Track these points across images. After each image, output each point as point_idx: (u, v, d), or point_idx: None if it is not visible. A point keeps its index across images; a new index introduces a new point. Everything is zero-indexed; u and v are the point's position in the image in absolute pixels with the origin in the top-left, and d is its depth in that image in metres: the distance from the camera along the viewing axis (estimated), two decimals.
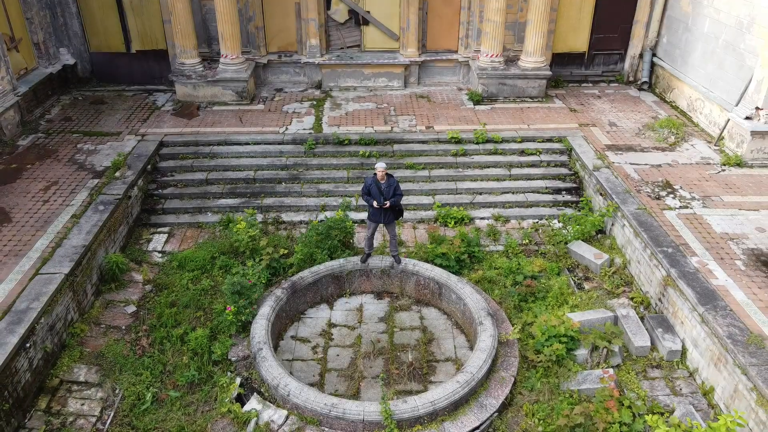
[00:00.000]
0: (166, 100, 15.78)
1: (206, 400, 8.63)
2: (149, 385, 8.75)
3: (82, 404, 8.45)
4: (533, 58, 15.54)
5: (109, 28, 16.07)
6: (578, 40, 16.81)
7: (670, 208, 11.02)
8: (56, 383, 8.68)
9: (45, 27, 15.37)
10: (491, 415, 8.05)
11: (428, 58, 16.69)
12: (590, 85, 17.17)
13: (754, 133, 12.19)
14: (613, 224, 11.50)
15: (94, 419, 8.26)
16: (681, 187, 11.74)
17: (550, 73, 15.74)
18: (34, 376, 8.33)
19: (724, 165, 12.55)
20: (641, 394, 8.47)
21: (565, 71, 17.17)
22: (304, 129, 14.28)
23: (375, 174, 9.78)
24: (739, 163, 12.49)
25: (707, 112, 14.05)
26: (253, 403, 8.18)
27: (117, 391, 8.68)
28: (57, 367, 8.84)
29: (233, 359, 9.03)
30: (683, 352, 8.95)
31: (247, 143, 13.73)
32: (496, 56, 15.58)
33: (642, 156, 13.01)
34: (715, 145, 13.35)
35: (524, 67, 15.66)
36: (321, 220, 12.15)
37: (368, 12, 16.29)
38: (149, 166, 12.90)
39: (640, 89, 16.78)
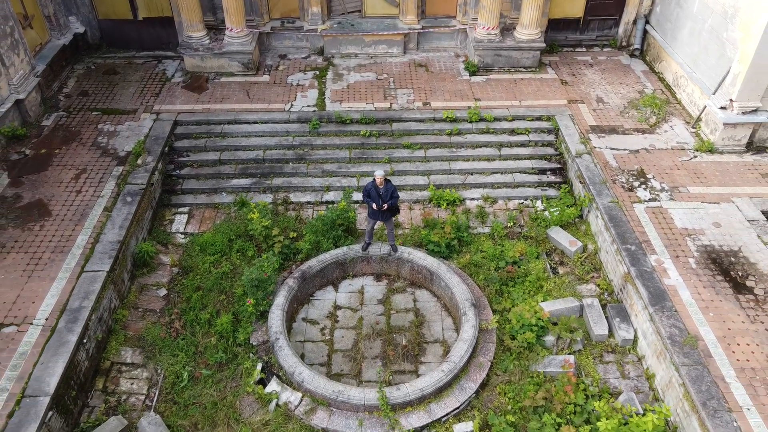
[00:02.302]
0: (176, 70, 16.49)
1: (233, 377, 10.35)
2: (185, 365, 10.46)
3: (132, 383, 10.20)
4: (528, 30, 16.05)
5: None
6: (574, 5, 17.16)
7: (640, 201, 12.24)
8: (108, 365, 10.39)
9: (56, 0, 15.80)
10: (470, 397, 9.79)
11: (427, 25, 17.15)
12: (584, 49, 17.71)
13: (726, 124, 13.13)
14: (589, 212, 12.77)
15: (142, 397, 10.04)
16: (653, 177, 12.88)
17: (544, 44, 16.30)
18: (91, 361, 10.01)
19: (697, 150, 13.60)
20: (596, 377, 10.16)
21: (561, 36, 17.64)
22: (308, 105, 15.16)
23: (374, 180, 10.95)
24: (711, 150, 13.53)
25: (689, 92, 14.84)
26: (274, 385, 9.91)
27: (159, 371, 10.41)
28: (107, 350, 10.52)
29: (254, 343, 10.67)
30: (635, 339, 10.57)
31: (255, 122, 14.70)
32: (493, 29, 16.09)
33: (623, 140, 14.01)
34: (692, 127, 14.30)
35: (519, 39, 16.21)
36: (326, 202, 13.51)
37: None
38: (166, 148, 13.97)
39: (632, 55, 17.36)
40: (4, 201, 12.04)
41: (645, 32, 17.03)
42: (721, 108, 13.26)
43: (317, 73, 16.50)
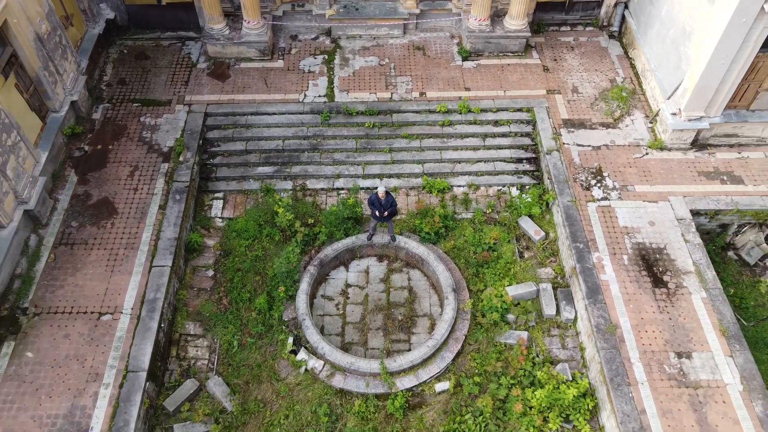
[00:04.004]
0: (199, 54, 18.41)
1: (271, 344, 13.80)
2: (234, 334, 13.86)
3: (197, 350, 13.69)
4: (516, 21, 17.78)
5: None
6: None
7: (594, 200, 14.99)
8: (177, 336, 13.83)
9: None
10: (447, 364, 13.28)
11: (425, 8, 18.75)
12: (568, 28, 19.39)
13: (675, 129, 15.51)
14: (552, 205, 15.55)
15: (206, 361, 13.56)
16: (608, 175, 15.50)
17: (530, 33, 18.07)
18: (166, 336, 13.41)
19: (650, 147, 16.07)
20: (543, 348, 13.60)
21: (548, 16, 19.25)
22: (319, 96, 17.36)
23: (377, 193, 13.68)
24: (661, 147, 16.01)
25: (652, 87, 16.96)
26: (303, 355, 13.37)
27: (215, 340, 13.85)
28: (175, 325, 13.89)
29: (285, 319, 14.01)
30: (575, 319, 13.87)
31: (274, 113, 17.01)
32: (484, 20, 17.81)
33: (589, 135, 16.40)
34: (650, 122, 16.64)
35: (508, 28, 17.96)
36: (336, 188, 16.28)
37: None
38: (201, 141, 16.46)
39: (611, 36, 19.10)
40: (78, 200, 14.85)
41: (623, 17, 18.67)
42: (672, 114, 15.56)
43: (326, 57, 18.44)
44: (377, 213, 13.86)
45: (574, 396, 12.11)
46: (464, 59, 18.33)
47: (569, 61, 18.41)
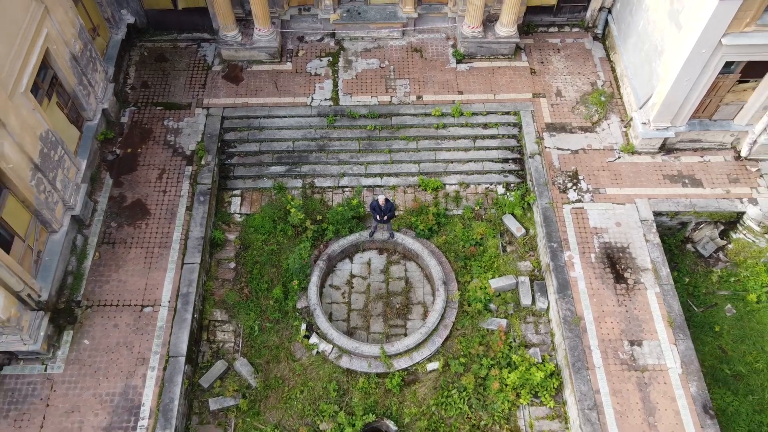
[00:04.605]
0: (214, 56, 19.94)
1: (287, 329, 16.14)
2: (255, 320, 16.18)
3: (224, 335, 16.04)
4: (506, 28, 19.23)
5: None
6: None
7: (569, 202, 16.99)
8: (207, 322, 16.15)
9: (109, 1, 18.75)
10: (438, 347, 15.65)
11: (422, 12, 20.13)
12: (556, 29, 20.79)
13: (644, 138, 17.32)
14: (534, 205, 17.52)
15: (232, 343, 15.93)
16: (584, 178, 17.42)
17: (519, 39, 19.54)
18: (198, 323, 15.73)
19: (622, 151, 17.91)
20: (519, 333, 15.94)
21: (537, 18, 20.62)
22: (325, 99, 19.05)
23: (378, 200, 15.68)
24: (632, 151, 17.84)
25: (628, 92, 18.61)
26: (314, 339, 15.72)
27: (239, 325, 16.18)
28: (204, 312, 16.19)
29: (299, 307, 16.28)
30: (548, 308, 16.14)
31: (284, 116, 18.76)
32: (476, 27, 19.26)
33: (568, 139, 18.19)
34: (624, 126, 18.41)
35: (498, 34, 19.43)
36: (342, 186, 18.23)
37: None
38: (219, 143, 18.29)
39: (595, 38, 20.54)
40: (114, 201, 16.86)
41: (607, 21, 20.08)
42: (643, 123, 17.34)
43: (330, 60, 19.99)
44: (378, 217, 15.92)
45: (542, 378, 14.52)
46: (458, 62, 19.89)
47: (555, 63, 19.95)
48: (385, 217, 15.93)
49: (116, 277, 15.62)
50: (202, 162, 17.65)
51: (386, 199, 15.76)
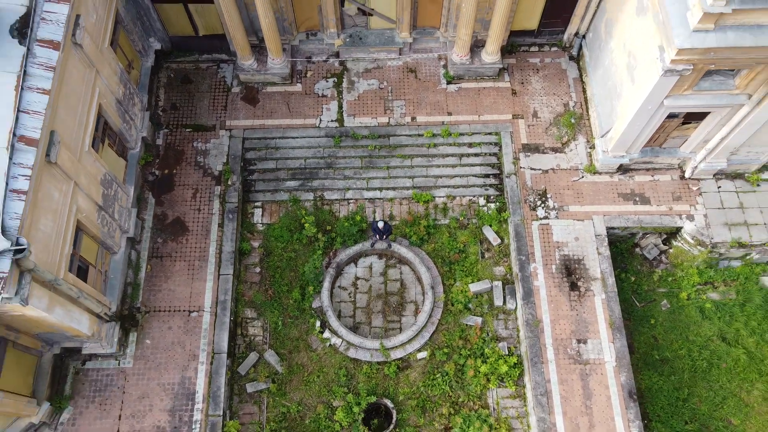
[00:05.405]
0: (232, 77, 22.54)
1: (304, 324, 19.99)
2: (278, 317, 20.00)
3: (254, 329, 19.90)
4: (491, 56, 21.77)
5: (181, 23, 21.56)
6: (531, 21, 22.25)
7: (537, 219, 20.34)
8: (239, 320, 19.98)
9: (139, 34, 21.13)
10: (426, 341, 19.58)
11: (417, 36, 22.54)
12: (537, 49, 23.23)
13: (604, 162, 20.42)
14: (508, 220, 20.86)
15: (261, 337, 19.84)
16: (551, 197, 20.67)
17: (502, 65, 22.10)
18: (233, 322, 19.56)
19: (585, 171, 21.04)
20: (492, 328, 19.81)
21: (520, 39, 23.01)
22: (332, 120, 21.92)
23: (377, 224, 19.07)
24: (594, 172, 20.98)
25: (595, 116, 21.46)
26: (327, 334, 19.62)
27: (266, 321, 20.02)
28: (237, 311, 19.96)
29: (314, 307, 20.06)
30: (516, 308, 19.92)
31: (296, 137, 21.72)
32: (464, 56, 21.78)
33: (541, 159, 21.25)
34: (589, 147, 21.42)
35: (484, 61, 21.97)
36: (347, 199, 21.53)
37: (372, 9, 21.55)
38: (242, 162, 21.37)
39: (571, 58, 23.03)
40: (158, 219, 20.21)
41: (581, 45, 22.53)
42: (603, 151, 20.39)
43: (335, 81, 22.62)
44: (377, 236, 19.40)
45: (506, 369, 18.55)
46: (448, 83, 22.56)
47: (534, 84, 22.62)
48: (384, 237, 19.38)
49: (166, 286, 19.29)
50: (229, 183, 20.83)
51: (384, 222, 19.16)
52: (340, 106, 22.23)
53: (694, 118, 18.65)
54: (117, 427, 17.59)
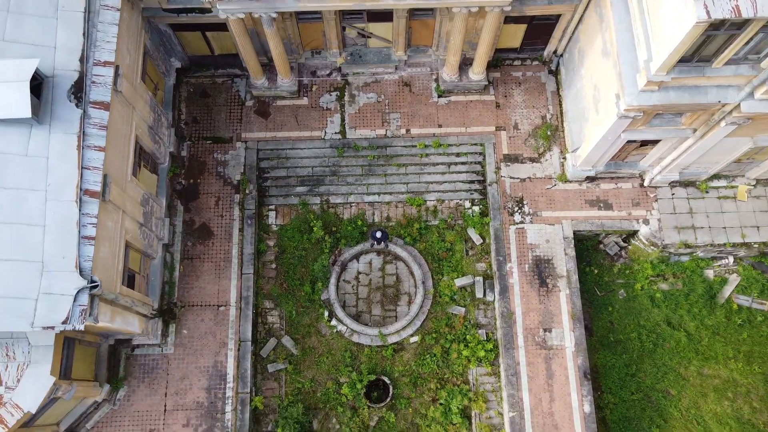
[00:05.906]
0: (245, 92, 25.14)
1: (314, 313, 23.62)
2: (292, 307, 23.59)
3: (272, 318, 23.52)
4: (478, 75, 24.34)
5: (198, 45, 23.95)
6: (514, 41, 24.63)
7: (514, 223, 23.57)
8: (260, 309, 23.57)
9: (162, 58, 23.57)
10: (418, 327, 23.26)
11: (411, 54, 24.99)
12: (519, 63, 25.71)
13: (573, 174, 23.44)
14: (489, 224, 24.07)
15: (278, 324, 23.51)
16: (527, 203, 23.81)
17: (487, 81, 24.70)
18: (255, 313, 23.13)
19: (558, 180, 24.09)
20: (473, 317, 23.45)
21: (504, 54, 25.45)
22: (335, 132, 24.73)
23: (376, 234, 22.33)
24: (565, 180, 24.03)
25: (568, 129, 24.28)
26: (334, 322, 23.26)
27: (282, 311, 23.61)
28: (257, 303, 23.52)
29: (323, 299, 23.61)
30: (494, 300, 23.47)
31: (304, 149, 24.61)
32: (454, 75, 24.34)
33: (519, 168, 24.24)
34: (562, 157, 24.37)
35: (471, 79, 24.54)
36: (349, 203, 24.70)
37: (371, 33, 23.92)
38: (257, 172, 24.35)
39: (550, 72, 25.55)
40: (186, 225, 23.42)
41: (559, 62, 25.03)
42: (573, 165, 23.38)
43: (338, 94, 25.24)
44: (376, 243, 22.72)
45: (484, 354, 22.31)
46: (439, 96, 25.20)
47: (515, 97, 25.26)
48: (382, 243, 22.70)
49: (197, 284, 22.75)
50: (246, 191, 23.91)
51: (382, 231, 22.43)
52: (343, 119, 24.98)
53: (650, 143, 21.56)
54: (164, 402, 21.50)
